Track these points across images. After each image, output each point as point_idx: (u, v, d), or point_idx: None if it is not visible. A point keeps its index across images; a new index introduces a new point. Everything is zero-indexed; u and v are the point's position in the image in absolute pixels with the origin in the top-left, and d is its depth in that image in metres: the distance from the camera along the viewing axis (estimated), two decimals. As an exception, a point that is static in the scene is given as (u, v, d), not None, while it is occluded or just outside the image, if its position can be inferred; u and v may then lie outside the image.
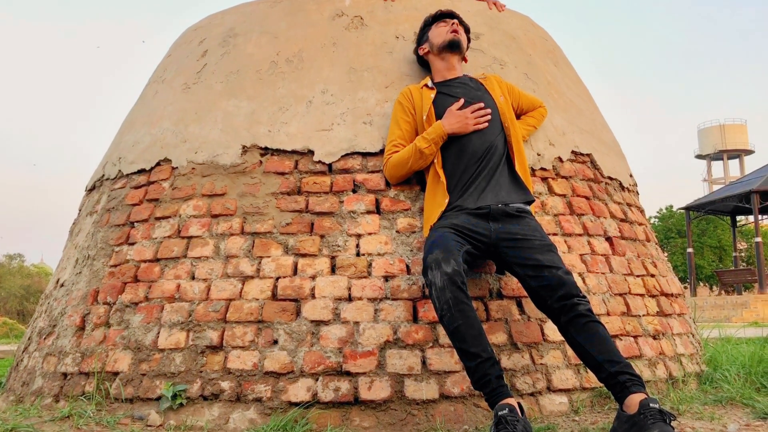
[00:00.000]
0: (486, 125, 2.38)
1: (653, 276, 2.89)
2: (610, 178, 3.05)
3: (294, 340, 2.26)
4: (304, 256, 2.42)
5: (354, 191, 2.54)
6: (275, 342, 2.27)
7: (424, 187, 2.49)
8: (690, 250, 24.85)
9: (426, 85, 2.54)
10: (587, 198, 2.83)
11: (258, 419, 2.15)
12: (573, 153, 2.90)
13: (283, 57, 2.86)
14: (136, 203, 2.77)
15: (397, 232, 2.46)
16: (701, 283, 35.56)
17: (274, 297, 2.35)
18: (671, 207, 38.29)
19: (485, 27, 3.05)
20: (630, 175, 3.33)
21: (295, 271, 2.39)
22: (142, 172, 2.86)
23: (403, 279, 2.35)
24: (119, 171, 2.97)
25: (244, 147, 2.66)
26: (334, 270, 2.38)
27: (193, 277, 2.46)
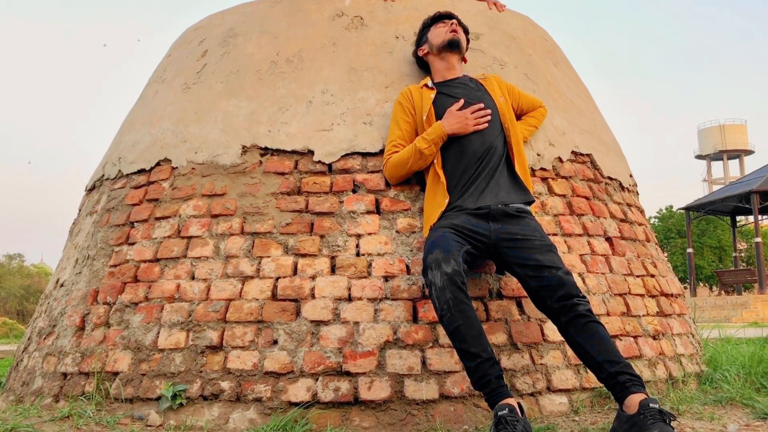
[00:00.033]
0: (486, 126, 2.38)
1: (653, 276, 2.89)
2: (610, 178, 3.05)
3: (294, 340, 2.26)
4: (304, 256, 2.42)
5: (354, 191, 2.54)
6: (275, 342, 2.27)
7: (423, 188, 2.49)
8: (690, 250, 24.85)
9: (426, 85, 2.54)
10: (587, 198, 2.83)
11: (258, 419, 2.15)
12: (573, 153, 2.90)
13: (283, 57, 2.86)
14: (136, 203, 2.77)
15: (397, 232, 2.46)
16: (701, 284, 35.57)
17: (274, 297, 2.35)
18: (671, 207, 38.29)
19: (485, 27, 3.05)
20: (630, 176, 3.33)
21: (295, 271, 2.39)
22: (142, 172, 2.86)
23: (403, 279, 2.35)
24: (119, 171, 2.97)
25: (244, 147, 2.66)
26: (334, 270, 2.38)
27: (193, 277, 2.46)
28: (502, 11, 3.21)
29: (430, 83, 2.54)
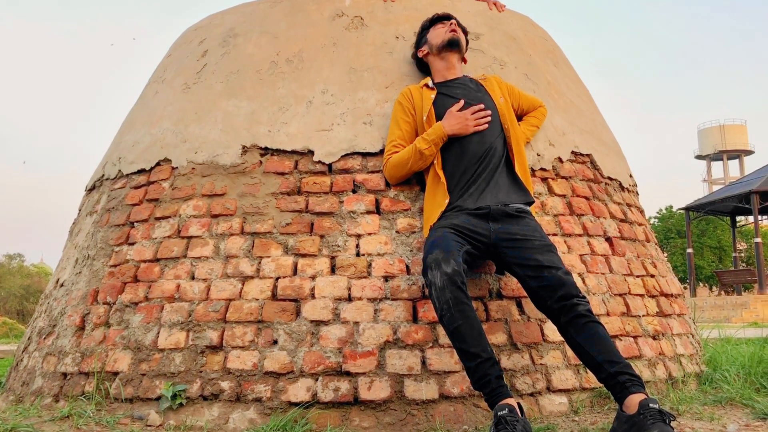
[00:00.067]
0: (486, 127, 2.38)
1: (653, 276, 2.89)
2: (609, 178, 3.05)
3: (294, 340, 2.26)
4: (303, 256, 2.42)
5: (354, 191, 2.54)
6: (275, 342, 2.27)
7: (423, 188, 2.49)
8: (690, 250, 24.84)
9: (426, 85, 2.54)
10: (587, 198, 2.83)
11: (258, 419, 2.15)
12: (573, 153, 2.91)
13: (283, 57, 2.87)
14: (136, 203, 2.77)
15: (397, 232, 2.46)
16: (701, 284, 35.56)
17: (274, 297, 2.35)
18: (671, 207, 38.29)
19: (485, 27, 3.05)
20: (630, 176, 3.33)
21: (295, 271, 2.39)
22: (142, 172, 2.87)
23: (403, 279, 2.35)
24: (119, 171, 2.97)
25: (244, 147, 2.66)
26: (333, 270, 2.38)
27: (193, 277, 2.46)
28: (502, 11, 3.22)
29: (430, 83, 2.54)
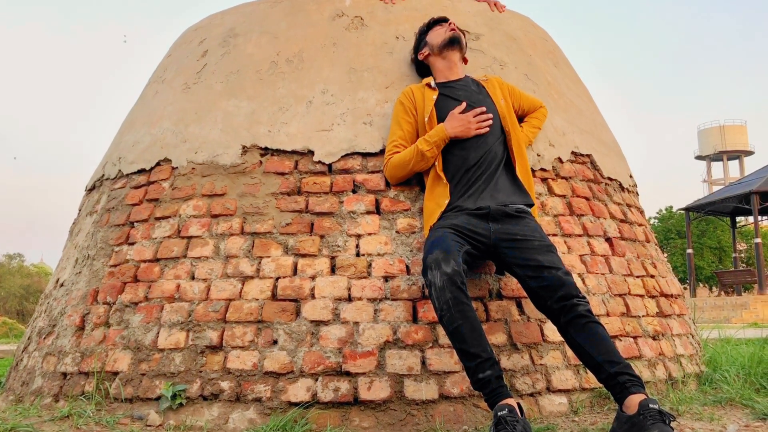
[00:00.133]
0: (487, 130, 2.38)
1: (653, 277, 2.89)
2: (609, 178, 3.05)
3: (294, 340, 2.26)
4: (303, 256, 2.42)
5: (354, 191, 2.54)
6: (275, 342, 2.27)
7: (423, 188, 2.49)
8: (690, 250, 24.84)
9: (428, 85, 2.54)
10: (587, 199, 2.83)
11: (257, 419, 2.15)
12: (573, 153, 2.91)
13: (283, 57, 2.87)
14: (136, 203, 2.77)
15: (397, 232, 2.46)
16: (701, 284, 35.55)
17: (273, 297, 2.35)
18: (671, 208, 38.28)
19: (485, 28, 3.05)
20: (630, 176, 3.33)
21: (295, 272, 2.39)
22: (142, 172, 2.87)
23: (403, 279, 2.35)
24: (119, 171, 2.97)
25: (244, 147, 2.66)
26: (333, 270, 2.38)
27: (193, 277, 2.46)
28: (502, 12, 3.22)
29: (432, 83, 2.54)
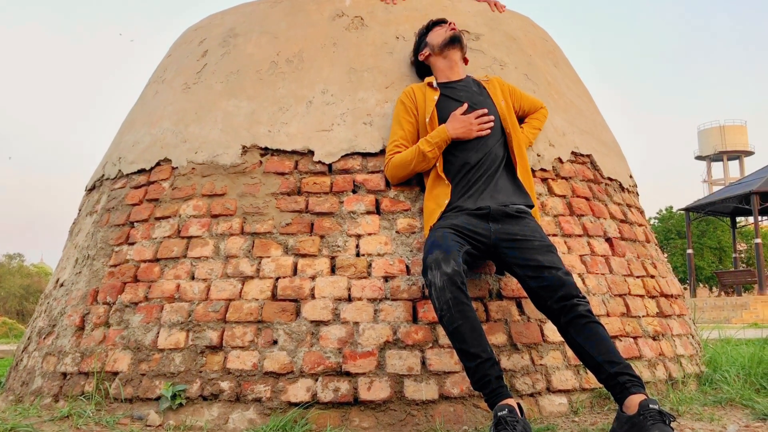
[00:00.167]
0: (489, 132, 2.38)
1: (653, 277, 2.89)
2: (609, 178, 3.05)
3: (294, 340, 2.26)
4: (303, 256, 2.42)
5: (354, 192, 2.54)
6: (275, 342, 2.27)
7: (423, 188, 2.49)
8: (690, 251, 24.84)
9: (430, 84, 2.54)
10: (587, 199, 2.83)
11: (257, 419, 2.15)
12: (573, 154, 2.90)
13: (283, 57, 2.87)
14: (136, 203, 2.77)
15: (397, 232, 2.46)
16: (701, 284, 35.55)
17: (273, 297, 2.35)
18: (671, 208, 38.28)
19: (485, 28, 3.05)
20: (630, 176, 3.33)
21: (295, 272, 2.39)
22: (142, 172, 2.86)
23: (403, 279, 2.35)
24: (119, 171, 2.97)
25: (244, 147, 2.66)
26: (333, 270, 2.38)
27: (193, 277, 2.46)
28: (502, 12, 3.22)
29: (434, 83, 2.54)
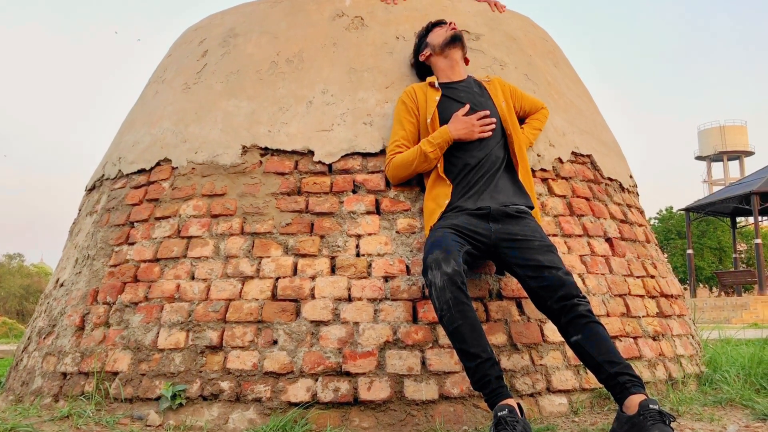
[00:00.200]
0: (490, 134, 2.39)
1: (653, 277, 2.89)
2: (610, 179, 3.05)
3: (294, 340, 2.26)
4: (303, 256, 2.42)
5: (354, 192, 2.54)
6: (275, 342, 2.27)
7: (423, 188, 2.49)
8: (690, 251, 24.84)
9: (431, 84, 2.53)
10: (587, 199, 2.83)
11: (257, 419, 2.15)
12: (573, 154, 2.90)
13: (283, 57, 2.87)
14: (136, 203, 2.77)
15: (397, 232, 2.46)
16: (701, 285, 35.55)
17: (273, 297, 2.35)
18: (671, 208, 38.29)
19: (485, 28, 3.05)
20: (630, 176, 3.33)
21: (295, 272, 2.39)
22: (142, 172, 2.86)
23: (403, 279, 2.35)
24: (119, 171, 2.97)
25: (244, 147, 2.66)
26: (333, 270, 2.38)
27: (193, 277, 2.46)
28: (502, 12, 3.22)
29: (435, 83, 2.54)
